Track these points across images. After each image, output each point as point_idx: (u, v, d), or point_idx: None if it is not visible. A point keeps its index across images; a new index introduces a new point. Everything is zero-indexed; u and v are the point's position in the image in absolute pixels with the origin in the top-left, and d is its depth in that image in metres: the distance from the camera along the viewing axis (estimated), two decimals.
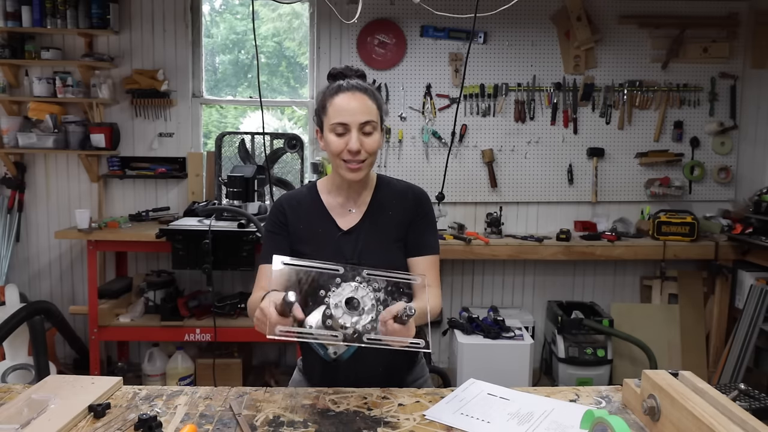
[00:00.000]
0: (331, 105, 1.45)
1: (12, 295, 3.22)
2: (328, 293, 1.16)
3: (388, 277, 1.18)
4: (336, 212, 1.55)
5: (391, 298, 1.20)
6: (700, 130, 3.81)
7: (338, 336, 1.12)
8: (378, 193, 1.57)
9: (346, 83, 1.47)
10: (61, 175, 3.73)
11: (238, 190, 3.23)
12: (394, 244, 1.53)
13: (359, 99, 1.44)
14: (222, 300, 3.35)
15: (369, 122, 1.43)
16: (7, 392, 1.31)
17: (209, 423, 1.18)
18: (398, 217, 1.55)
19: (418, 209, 1.56)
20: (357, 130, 1.42)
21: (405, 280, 1.22)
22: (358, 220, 1.54)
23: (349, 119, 1.42)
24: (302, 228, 1.53)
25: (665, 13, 3.70)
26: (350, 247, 1.51)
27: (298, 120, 4.17)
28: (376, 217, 1.54)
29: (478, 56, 3.69)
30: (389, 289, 1.20)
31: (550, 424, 1.20)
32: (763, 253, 3.29)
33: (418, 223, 1.55)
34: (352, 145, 1.41)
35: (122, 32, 3.63)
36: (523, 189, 3.81)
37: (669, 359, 3.59)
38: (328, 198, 1.57)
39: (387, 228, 1.53)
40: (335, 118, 1.43)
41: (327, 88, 1.50)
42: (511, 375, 3.10)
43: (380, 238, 1.52)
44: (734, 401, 1.04)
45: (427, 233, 1.57)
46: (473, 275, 3.87)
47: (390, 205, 1.56)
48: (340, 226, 1.53)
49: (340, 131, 1.43)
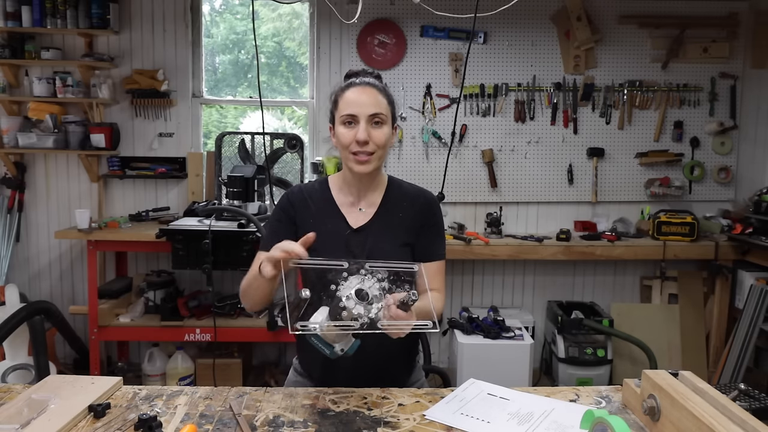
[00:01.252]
0: (342, 98, 1.48)
1: (12, 295, 3.22)
2: (338, 287, 1.18)
3: (388, 268, 1.22)
4: (346, 210, 1.55)
5: (396, 287, 1.22)
6: (700, 130, 3.81)
7: (355, 326, 1.13)
8: (389, 195, 1.58)
9: (359, 80, 1.50)
10: (61, 175, 3.73)
11: (238, 190, 3.23)
12: (401, 248, 1.53)
13: (369, 93, 1.47)
14: (222, 300, 3.35)
15: (378, 114, 1.45)
16: (7, 392, 1.30)
17: (209, 423, 1.18)
18: (408, 221, 1.55)
19: (429, 215, 1.57)
20: (365, 122, 1.44)
21: (404, 269, 1.25)
22: (369, 219, 1.54)
23: (357, 110, 1.44)
24: (312, 223, 1.53)
25: (665, 13, 3.70)
26: (359, 246, 1.50)
27: (298, 120, 4.17)
28: (386, 218, 1.55)
29: (478, 56, 3.69)
30: (392, 278, 1.23)
31: (550, 424, 1.20)
32: (763, 253, 3.29)
33: (428, 229, 1.56)
34: (359, 135, 1.43)
35: (122, 32, 3.63)
36: (523, 189, 3.81)
37: (669, 359, 3.59)
38: (338, 195, 1.57)
39: (396, 230, 1.54)
40: (345, 110, 1.46)
41: (340, 85, 1.53)
42: (511, 375, 3.10)
43: (389, 239, 1.52)
44: (734, 401, 1.04)
45: (436, 240, 1.58)
46: (473, 275, 3.87)
47: (400, 207, 1.56)
48: (350, 224, 1.53)
49: (350, 123, 1.45)
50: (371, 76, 1.53)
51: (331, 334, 1.17)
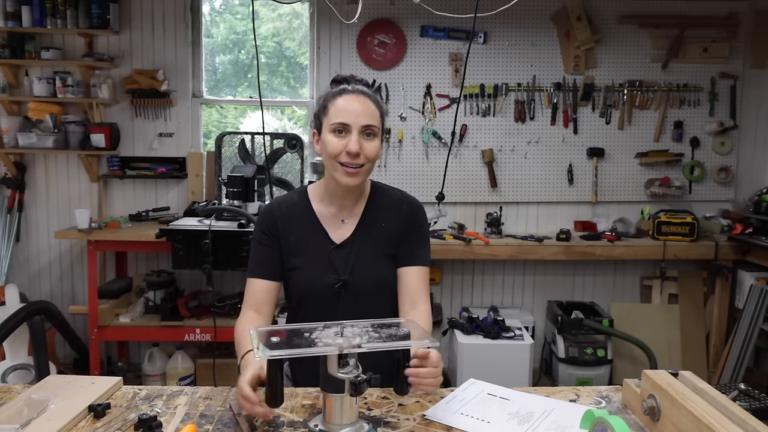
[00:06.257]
0: (333, 105, 1.41)
1: (12, 295, 3.22)
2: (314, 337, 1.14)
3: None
4: (328, 223, 1.51)
5: (379, 330, 1.17)
6: (700, 130, 3.81)
7: (335, 349, 1.09)
8: (371, 203, 1.53)
9: (351, 87, 1.44)
10: (61, 175, 3.73)
11: (238, 190, 3.23)
12: (385, 259, 1.51)
13: (363, 102, 1.41)
14: (222, 300, 3.35)
15: (371, 126, 1.40)
16: (7, 392, 1.30)
17: (209, 423, 1.18)
18: (390, 230, 1.52)
19: (411, 221, 1.53)
20: (358, 132, 1.39)
21: (408, 347, 1.17)
22: (351, 232, 1.51)
23: (351, 120, 1.38)
24: (293, 240, 1.49)
25: (665, 13, 3.70)
26: (342, 261, 1.48)
27: (298, 120, 4.17)
28: (369, 229, 1.51)
29: (478, 56, 3.69)
30: (375, 327, 1.19)
31: (550, 424, 1.20)
32: (763, 253, 3.29)
33: (410, 234, 1.53)
34: (351, 147, 1.37)
35: (122, 32, 3.63)
36: (523, 189, 3.81)
37: (669, 359, 3.60)
38: (320, 207, 1.53)
39: (378, 241, 1.51)
40: (336, 117, 1.39)
41: (330, 90, 1.46)
42: (511, 375, 3.09)
43: (372, 251, 1.50)
44: (734, 401, 1.04)
45: (418, 245, 1.53)
46: (473, 275, 3.87)
47: (383, 216, 1.52)
48: (332, 239, 1.50)
49: (341, 132, 1.39)
50: (361, 83, 1.47)
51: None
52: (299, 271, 1.49)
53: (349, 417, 1.11)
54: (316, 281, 1.48)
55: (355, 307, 1.47)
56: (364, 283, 1.48)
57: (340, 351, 1.08)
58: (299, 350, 1.08)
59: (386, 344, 1.11)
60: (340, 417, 1.10)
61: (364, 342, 1.11)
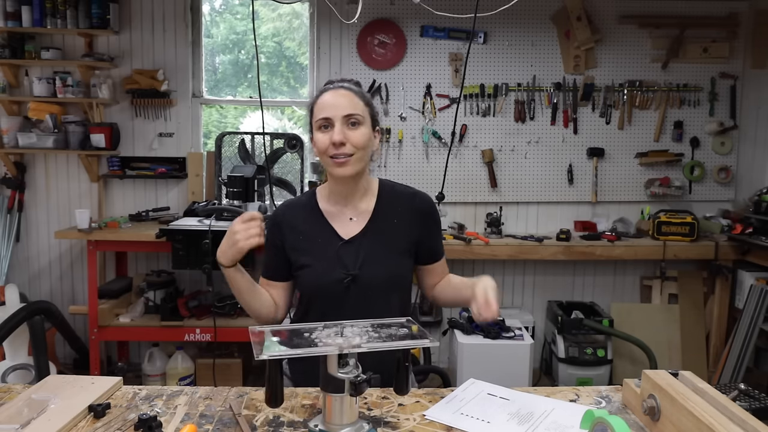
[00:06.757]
0: (317, 104, 1.46)
1: (12, 295, 3.22)
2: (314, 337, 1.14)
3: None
4: (335, 220, 1.53)
5: (380, 330, 1.19)
6: (700, 130, 3.81)
7: (335, 349, 1.09)
8: (381, 200, 1.55)
9: (334, 84, 1.49)
10: (61, 175, 3.73)
11: (238, 190, 3.23)
12: (400, 254, 1.52)
13: (343, 95, 1.45)
14: (222, 300, 3.35)
15: (353, 115, 1.42)
16: (7, 392, 1.30)
17: (209, 423, 1.18)
18: (405, 225, 1.53)
19: (428, 216, 1.57)
20: (341, 123, 1.41)
21: (408, 347, 1.16)
22: (360, 229, 1.51)
23: (332, 113, 1.42)
24: (301, 239, 1.51)
25: (665, 13, 3.70)
26: (351, 257, 1.48)
27: (298, 120, 4.17)
28: (381, 225, 1.52)
29: (478, 56, 3.69)
30: (376, 326, 1.20)
31: (550, 424, 1.20)
32: (763, 253, 3.29)
33: (429, 230, 1.57)
34: (335, 137, 1.40)
35: (122, 32, 3.63)
36: (523, 189, 3.81)
37: (669, 359, 3.60)
38: (326, 205, 1.54)
39: (393, 237, 1.51)
40: (319, 114, 1.44)
41: (316, 93, 1.52)
42: (511, 375, 3.09)
43: (385, 247, 1.50)
44: (734, 401, 1.04)
45: (438, 239, 1.61)
46: (473, 275, 3.83)
47: (395, 212, 1.53)
48: (340, 235, 1.50)
49: (326, 127, 1.43)
50: (348, 82, 1.51)
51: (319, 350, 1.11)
52: (308, 269, 1.50)
53: (349, 417, 1.11)
54: (325, 277, 1.48)
55: (365, 302, 1.47)
56: (374, 278, 1.48)
57: (340, 351, 1.09)
58: (299, 350, 1.08)
59: (386, 344, 1.11)
60: (340, 417, 1.11)
61: (364, 342, 1.11)
